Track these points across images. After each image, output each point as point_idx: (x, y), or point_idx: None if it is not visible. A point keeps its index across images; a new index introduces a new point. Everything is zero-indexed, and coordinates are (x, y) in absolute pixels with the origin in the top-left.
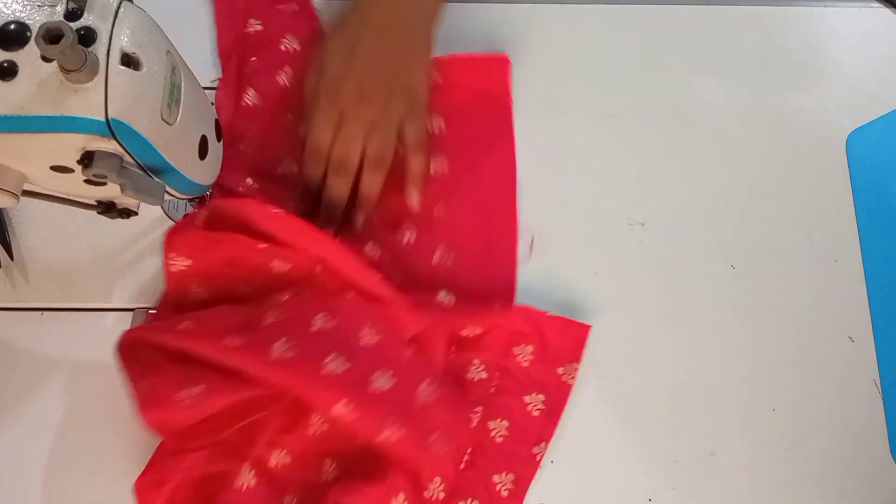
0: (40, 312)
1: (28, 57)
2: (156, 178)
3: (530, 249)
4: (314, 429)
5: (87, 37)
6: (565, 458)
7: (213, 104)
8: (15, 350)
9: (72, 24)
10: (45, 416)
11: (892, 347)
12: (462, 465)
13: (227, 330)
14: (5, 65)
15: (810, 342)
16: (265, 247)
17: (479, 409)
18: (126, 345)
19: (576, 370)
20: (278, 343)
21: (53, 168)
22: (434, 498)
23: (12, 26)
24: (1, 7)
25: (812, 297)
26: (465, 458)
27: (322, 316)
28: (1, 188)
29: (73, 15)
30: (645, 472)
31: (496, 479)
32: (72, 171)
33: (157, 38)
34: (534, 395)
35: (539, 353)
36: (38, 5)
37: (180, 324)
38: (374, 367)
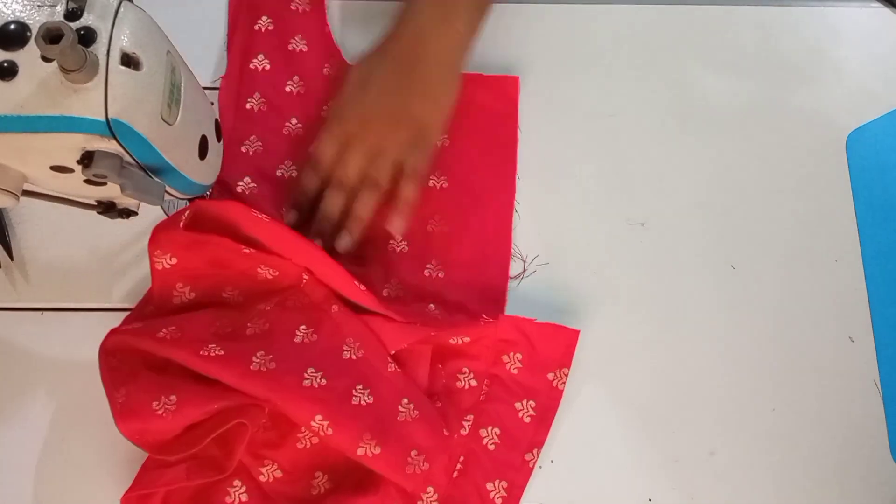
0: (40, 312)
1: (28, 57)
2: (156, 178)
3: (522, 272)
4: (304, 442)
5: (87, 37)
6: (565, 458)
7: (213, 104)
8: (15, 350)
9: (72, 24)
10: (44, 416)
11: (892, 347)
12: (455, 474)
13: (209, 338)
14: (5, 65)
15: (810, 342)
16: (251, 252)
17: (470, 418)
18: (108, 349)
19: (566, 375)
20: (259, 354)
21: (53, 168)
22: None
23: (12, 26)
24: (1, 7)
25: (812, 297)
26: (458, 466)
27: (305, 328)
28: (1, 188)
29: (73, 15)
30: (645, 472)
31: (489, 486)
32: (72, 171)
33: (157, 38)
34: (524, 402)
35: (528, 360)
36: (38, 5)
37: (163, 328)
38: (354, 382)
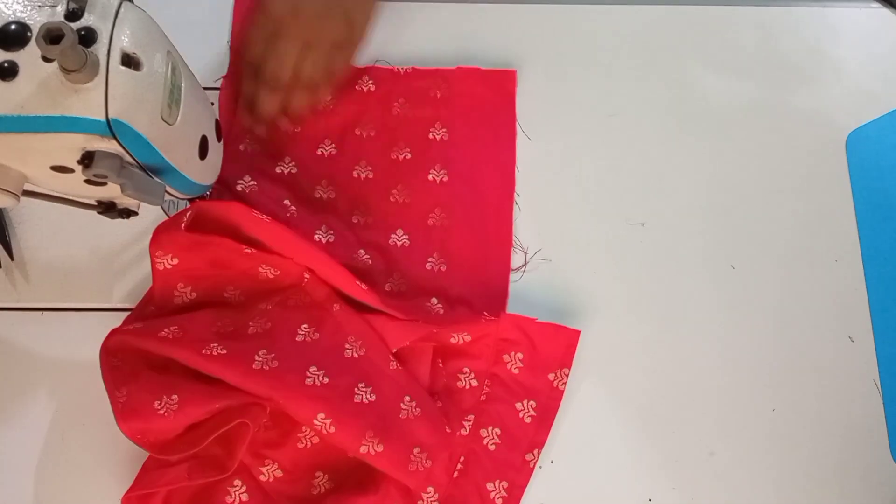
0: (40, 312)
1: (28, 57)
2: (156, 178)
3: (524, 265)
4: (304, 441)
5: (87, 37)
6: (566, 458)
7: (213, 104)
8: (15, 350)
9: (72, 25)
10: (44, 416)
11: (892, 347)
12: (455, 474)
13: (211, 337)
14: (6, 65)
15: (810, 342)
16: (251, 252)
17: (471, 418)
18: (110, 349)
19: (566, 376)
20: (261, 353)
21: (53, 168)
22: None
23: (13, 26)
24: (1, 7)
25: (812, 297)
26: (459, 466)
27: (306, 327)
28: (1, 188)
29: (73, 15)
30: (645, 473)
31: (490, 486)
32: (72, 171)
33: (157, 38)
34: (525, 402)
35: (529, 360)
36: (39, 5)
37: (165, 328)
38: (356, 380)
